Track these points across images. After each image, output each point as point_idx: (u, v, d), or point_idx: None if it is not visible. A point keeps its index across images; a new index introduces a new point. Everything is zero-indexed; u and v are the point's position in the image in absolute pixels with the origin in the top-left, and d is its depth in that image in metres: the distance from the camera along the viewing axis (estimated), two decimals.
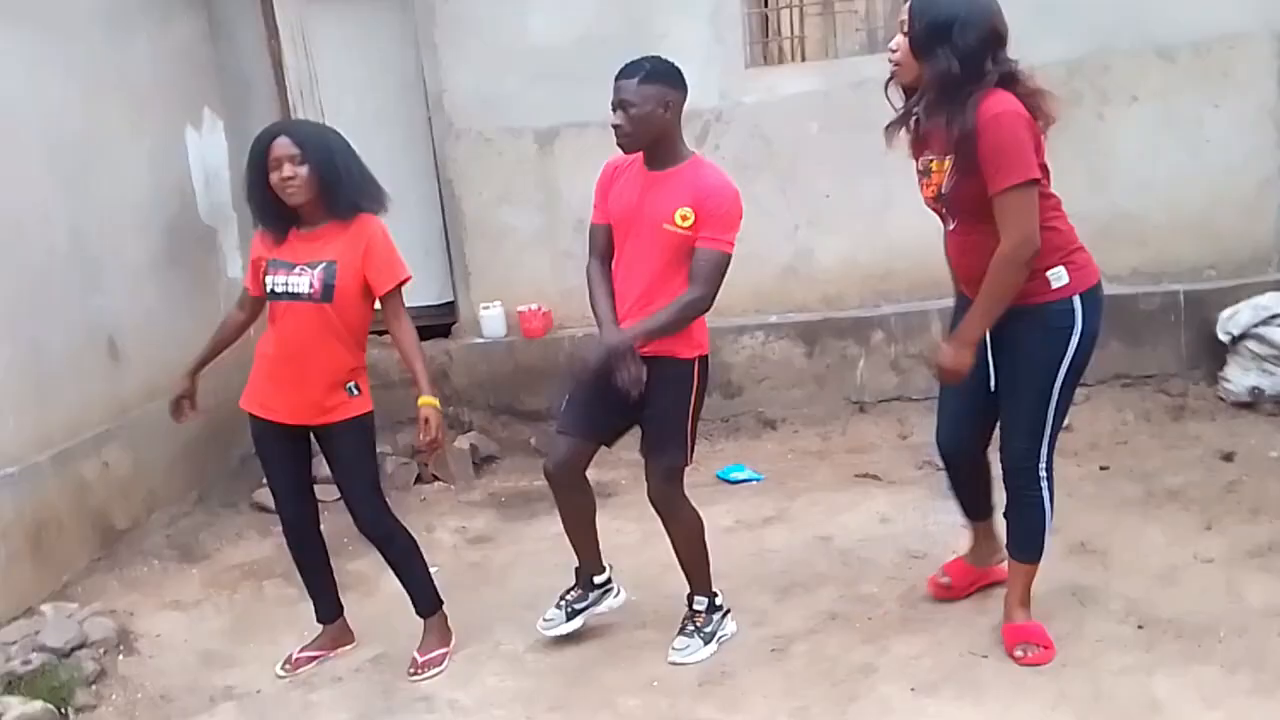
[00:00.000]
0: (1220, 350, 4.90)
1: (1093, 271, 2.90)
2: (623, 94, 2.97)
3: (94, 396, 4.23)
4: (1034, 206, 2.69)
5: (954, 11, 2.70)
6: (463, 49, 5.25)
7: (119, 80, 4.59)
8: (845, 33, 5.33)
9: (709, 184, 3.01)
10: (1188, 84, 4.96)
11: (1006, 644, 3.05)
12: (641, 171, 3.09)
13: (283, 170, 3.01)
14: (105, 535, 4.21)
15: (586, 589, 3.45)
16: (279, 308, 3.15)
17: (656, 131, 2.99)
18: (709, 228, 2.97)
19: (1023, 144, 2.66)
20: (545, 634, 3.37)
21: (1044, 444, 2.94)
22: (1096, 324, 2.88)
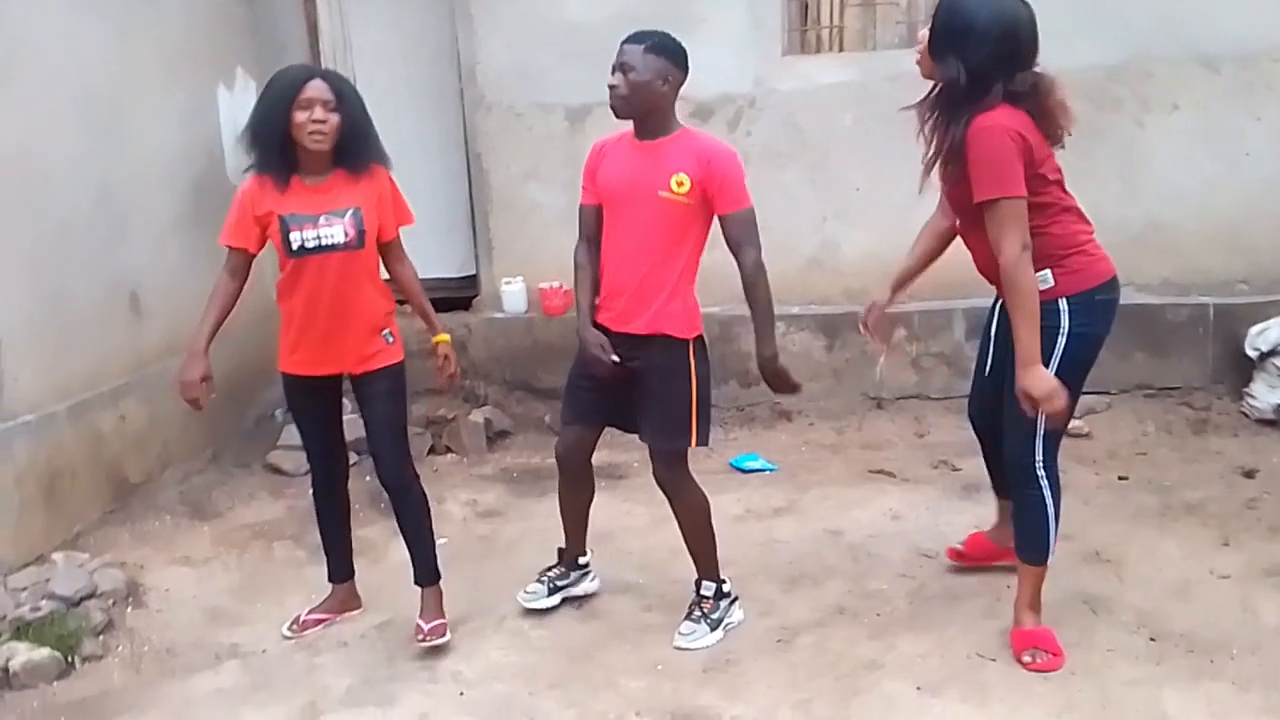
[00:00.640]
0: (1247, 366, 4.84)
1: (1091, 275, 2.90)
2: (626, 57, 2.97)
3: (114, 349, 4.25)
4: (1016, 218, 2.71)
5: (973, 23, 2.72)
6: (498, 21, 5.22)
7: (154, 34, 4.59)
8: (885, 25, 5.28)
9: (709, 150, 3.00)
10: (1230, 96, 4.89)
11: (1015, 649, 3.03)
12: (631, 144, 3.08)
13: (314, 112, 2.94)
14: (118, 488, 4.23)
15: (570, 568, 3.49)
16: (311, 263, 3.05)
17: (651, 103, 2.98)
18: (726, 194, 2.99)
19: (1005, 159, 2.69)
20: (525, 605, 3.40)
21: (1038, 442, 2.94)
22: (1092, 329, 2.91)
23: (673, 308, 3.08)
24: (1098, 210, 4.93)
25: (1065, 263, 2.86)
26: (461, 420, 5.14)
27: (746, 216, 3.03)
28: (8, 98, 3.73)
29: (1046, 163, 2.82)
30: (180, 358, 4.59)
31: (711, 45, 5.11)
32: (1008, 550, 3.36)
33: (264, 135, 3.01)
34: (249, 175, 3.09)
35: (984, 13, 2.72)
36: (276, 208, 3.03)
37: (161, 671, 3.22)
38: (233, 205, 3.11)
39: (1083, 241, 2.91)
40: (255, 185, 3.06)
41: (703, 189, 2.97)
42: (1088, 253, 2.90)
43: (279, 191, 3.03)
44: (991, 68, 2.71)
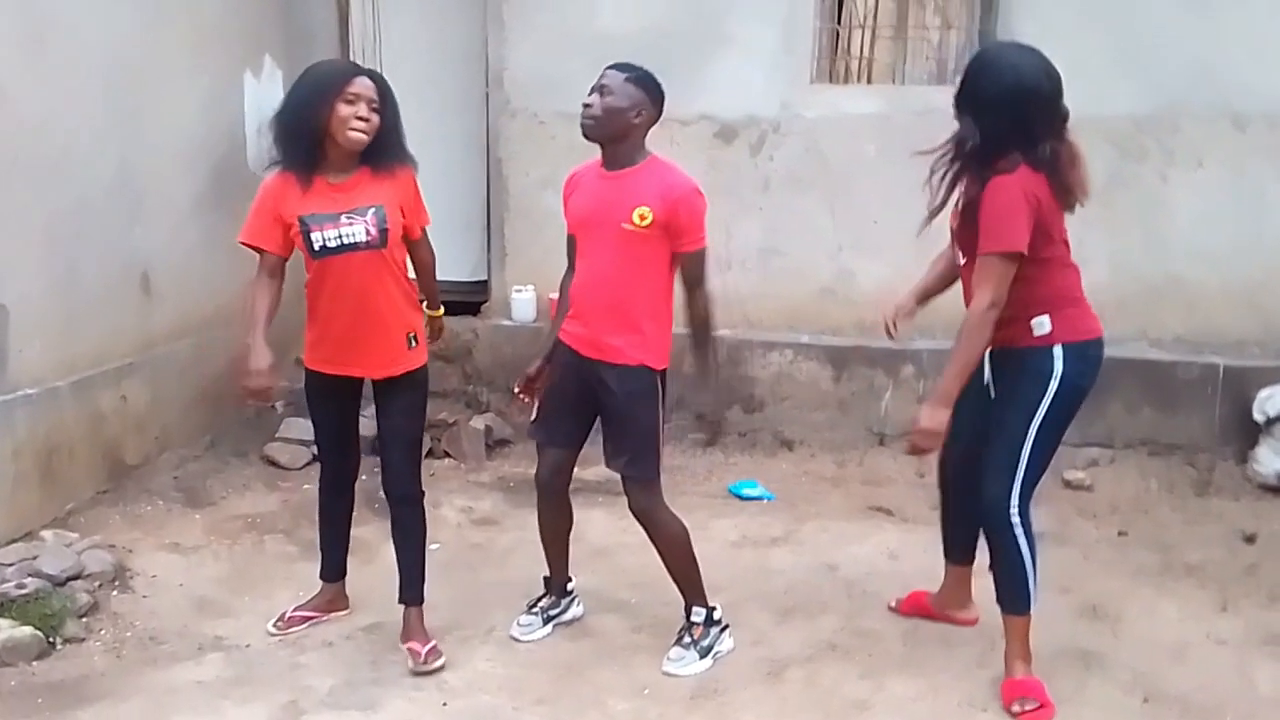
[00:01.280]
0: (1253, 429, 4.80)
1: (1085, 329, 2.94)
2: (606, 80, 3.01)
3: (121, 329, 4.23)
4: (1002, 276, 2.78)
5: (989, 90, 2.79)
6: (530, 28, 5.22)
7: (187, 14, 4.58)
8: (915, 60, 5.27)
9: (675, 187, 3.00)
10: (1256, 154, 4.87)
11: (1004, 699, 3.00)
12: (599, 174, 3.10)
13: (359, 108, 2.90)
14: (114, 469, 4.20)
15: (560, 596, 3.47)
16: (334, 264, 2.99)
17: (621, 131, 3.00)
18: (689, 233, 3.02)
19: (1015, 215, 2.76)
20: (522, 640, 3.35)
21: (1015, 487, 2.95)
22: (1082, 379, 2.94)
23: (644, 338, 3.08)
24: (1117, 260, 5.03)
25: (1063, 312, 2.91)
26: (462, 426, 5.11)
27: (703, 256, 3.07)
28: (36, 70, 3.72)
29: (1055, 226, 2.88)
30: (189, 339, 4.61)
31: (740, 66, 5.14)
32: (944, 615, 3.42)
33: (297, 126, 2.95)
34: (273, 172, 3.02)
35: (1003, 81, 2.78)
36: (298, 208, 2.97)
37: (143, 659, 3.18)
38: (255, 202, 3.03)
39: (1078, 297, 2.97)
40: (279, 183, 3.00)
41: (665, 224, 2.99)
42: (1080, 307, 2.96)
43: (302, 190, 2.97)
44: (1005, 135, 2.77)
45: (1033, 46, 2.89)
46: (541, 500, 3.38)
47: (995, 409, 3.02)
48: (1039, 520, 4.29)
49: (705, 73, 5.11)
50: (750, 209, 5.24)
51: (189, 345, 4.65)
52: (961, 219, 2.94)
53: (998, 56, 2.89)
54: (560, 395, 3.21)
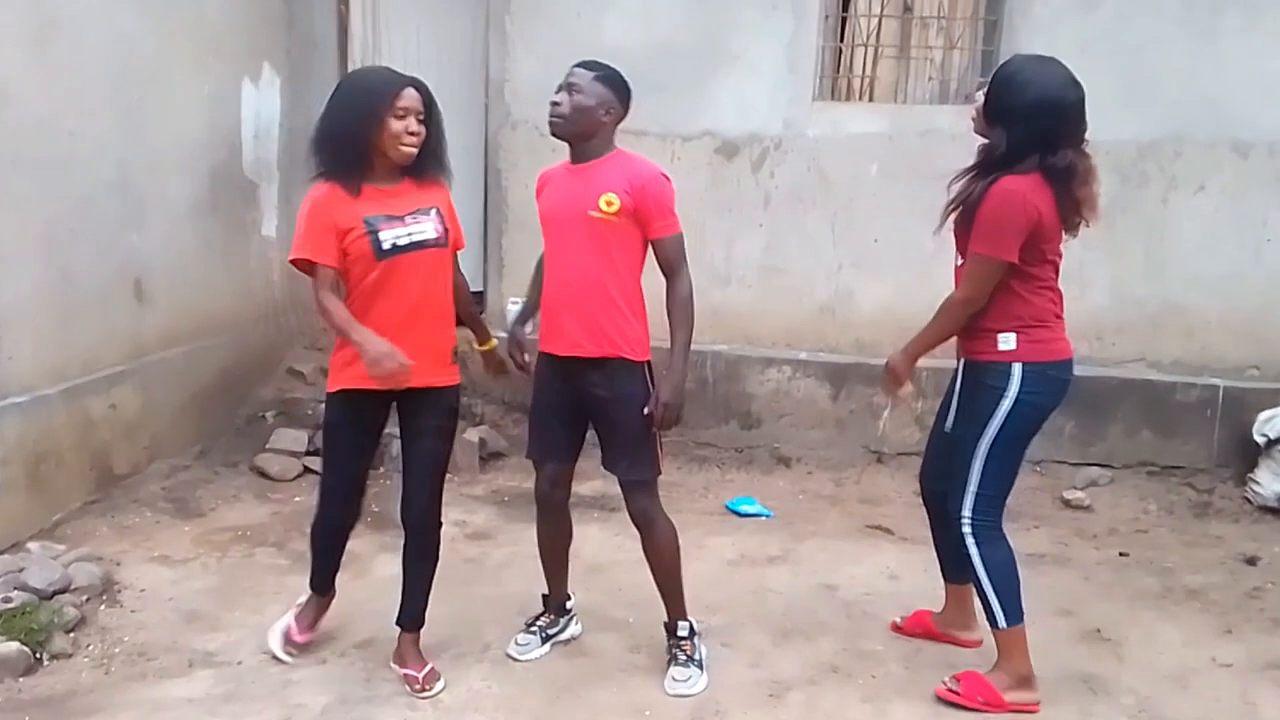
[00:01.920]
0: (1253, 452, 4.80)
1: (1049, 350, 2.96)
2: (575, 79, 3.01)
3: (113, 335, 4.17)
4: (986, 279, 2.88)
5: (1019, 101, 2.83)
6: (533, 40, 5.20)
7: (191, 18, 4.56)
8: (917, 80, 5.26)
9: (640, 174, 2.99)
10: (1257, 181, 4.88)
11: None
12: (566, 168, 3.10)
13: (409, 123, 2.82)
14: (102, 478, 4.13)
15: (559, 614, 3.42)
16: (402, 264, 2.85)
17: (589, 129, 3.00)
18: (658, 218, 3.00)
19: (1010, 224, 2.81)
20: (520, 659, 3.29)
21: (966, 501, 3.00)
22: (1041, 401, 2.97)
23: (620, 329, 3.04)
24: (1118, 284, 5.03)
25: (1030, 332, 2.93)
26: (456, 438, 5.05)
27: (680, 242, 3.04)
28: (40, 68, 3.67)
29: (1051, 244, 2.91)
30: (178, 348, 4.55)
31: (744, 83, 5.13)
32: (947, 635, 3.41)
33: (347, 139, 2.81)
34: (317, 182, 2.85)
35: (1031, 92, 2.81)
36: (358, 212, 2.82)
37: (131, 674, 3.10)
38: (305, 217, 2.82)
39: (1051, 319, 2.98)
40: (327, 193, 2.82)
41: (633, 210, 2.98)
42: (1052, 329, 2.97)
43: (352, 197, 2.83)
44: (1031, 143, 2.81)
45: (1055, 58, 2.91)
46: (541, 515, 3.34)
47: (956, 424, 3.08)
48: (1038, 542, 4.36)
49: (708, 89, 5.10)
50: (751, 226, 5.22)
51: (180, 353, 4.59)
52: (961, 215, 2.95)
53: (1024, 68, 2.89)
54: (548, 408, 3.17)
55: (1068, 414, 4.95)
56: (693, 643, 3.22)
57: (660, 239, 3.02)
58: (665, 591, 3.24)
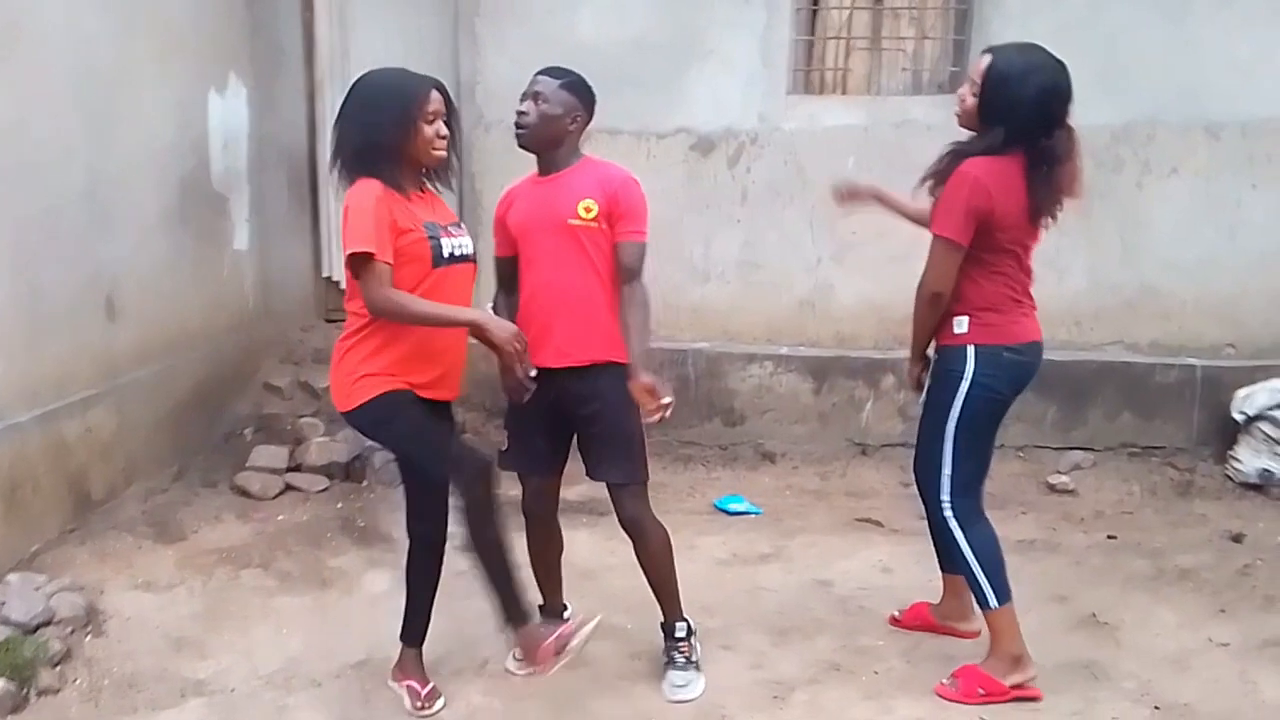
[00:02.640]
0: (1232, 429, 4.85)
1: (1004, 334, 2.98)
2: (540, 87, 2.99)
3: (86, 355, 4.05)
4: (945, 258, 2.91)
5: (1021, 95, 2.83)
6: (504, 40, 5.14)
7: (155, 24, 4.44)
8: (891, 71, 5.25)
9: (615, 179, 2.99)
10: (1230, 164, 4.92)
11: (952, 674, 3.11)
12: (534, 181, 3.08)
13: (439, 127, 2.76)
14: (80, 504, 4.02)
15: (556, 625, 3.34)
16: (451, 274, 2.78)
17: (557, 138, 2.99)
18: (626, 221, 2.98)
19: (960, 208, 2.85)
20: (519, 674, 3.24)
21: (943, 486, 3.05)
22: (997, 385, 3.00)
23: (608, 334, 3.01)
24: (1095, 270, 5.06)
25: (982, 316, 2.98)
26: None
27: (642, 250, 3.01)
28: (4, 75, 3.55)
29: (1008, 233, 2.91)
30: (152, 366, 4.44)
31: (718, 79, 5.10)
32: (945, 627, 3.42)
33: (384, 145, 2.70)
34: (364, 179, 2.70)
35: (1032, 85, 2.83)
36: (416, 215, 2.74)
37: (122, 707, 3.02)
38: (366, 211, 2.63)
39: (1007, 305, 2.99)
40: (385, 191, 2.69)
41: (607, 214, 2.96)
42: (1005, 313, 2.99)
43: (405, 199, 2.74)
44: (1031, 132, 2.84)
45: (1033, 44, 2.93)
46: (530, 528, 3.30)
47: (924, 410, 3.15)
48: (1026, 528, 4.38)
49: (683, 85, 5.06)
50: (728, 221, 5.19)
51: (154, 371, 4.49)
52: (933, 195, 2.98)
53: (1015, 61, 2.88)
54: (529, 420, 3.10)
55: (1048, 399, 4.98)
56: (690, 644, 3.20)
57: (626, 242, 2.98)
58: (660, 594, 3.21)
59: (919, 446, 3.22)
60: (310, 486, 4.71)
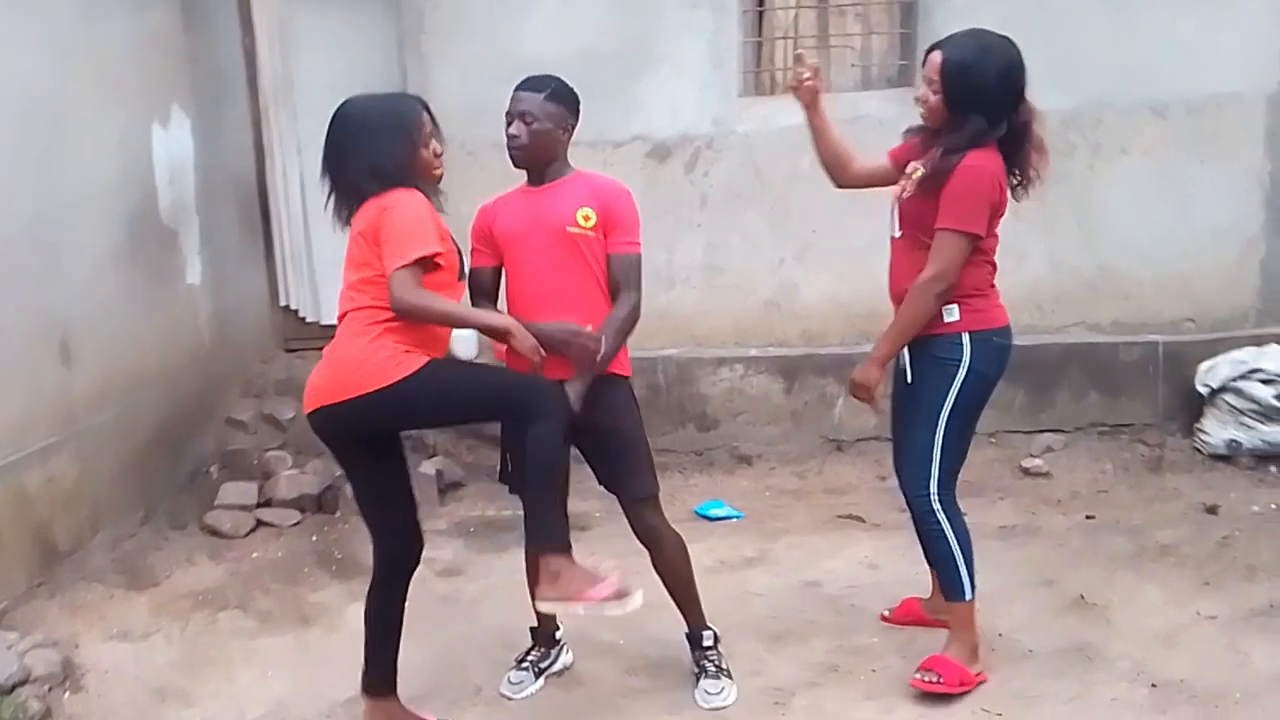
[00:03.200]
0: (1197, 403, 4.92)
1: (991, 318, 3.03)
2: (525, 105, 2.93)
3: (42, 402, 3.92)
4: (962, 253, 2.90)
5: (986, 80, 2.86)
6: (452, 57, 5.08)
7: (94, 57, 4.33)
8: (840, 68, 5.27)
9: (609, 189, 2.99)
10: (1177, 142, 4.99)
11: (919, 666, 3.07)
12: (525, 192, 3.04)
13: (435, 146, 2.80)
14: (46, 556, 3.89)
15: (549, 646, 3.33)
16: (460, 289, 2.86)
17: (551, 152, 2.97)
18: (621, 232, 2.96)
19: (982, 201, 2.88)
20: (515, 698, 3.19)
21: (932, 475, 3.03)
22: (988, 369, 3.03)
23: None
24: (1053, 254, 5.10)
25: (971, 302, 2.98)
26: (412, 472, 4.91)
27: (638, 262, 2.99)
28: None
29: (999, 219, 2.98)
30: (111, 409, 4.32)
31: (670, 85, 5.09)
32: (938, 620, 3.39)
33: (396, 168, 2.70)
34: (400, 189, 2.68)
35: (993, 69, 2.86)
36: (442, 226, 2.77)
37: None
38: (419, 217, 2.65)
39: (988, 288, 3.04)
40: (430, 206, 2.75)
41: (603, 224, 2.94)
42: (989, 298, 3.03)
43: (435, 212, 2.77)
44: (1003, 108, 2.88)
45: (978, 28, 2.97)
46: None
47: (910, 400, 3.10)
48: (1005, 514, 4.40)
49: (636, 93, 5.04)
50: (689, 227, 5.18)
51: (113, 415, 4.36)
52: (920, 188, 2.95)
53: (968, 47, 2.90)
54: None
55: (1016, 384, 5.01)
56: (719, 651, 3.17)
57: (621, 254, 2.96)
58: (683, 603, 3.17)
59: (903, 441, 3.21)
60: (282, 521, 4.61)
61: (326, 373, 2.73)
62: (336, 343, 2.75)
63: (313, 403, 2.74)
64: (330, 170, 2.77)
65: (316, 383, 2.75)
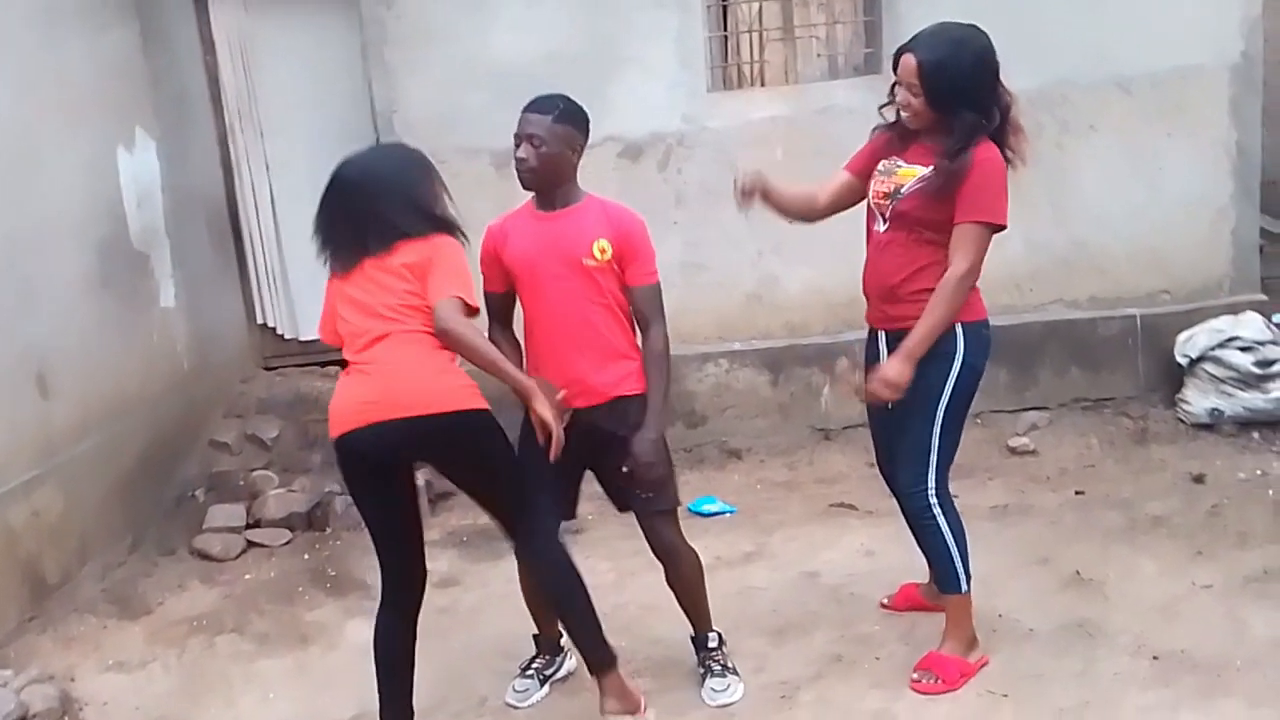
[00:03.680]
0: (1177, 373, 4.97)
1: (980, 310, 3.02)
2: (534, 129, 2.87)
3: (23, 436, 3.87)
4: (987, 245, 2.89)
5: (963, 70, 2.86)
6: (416, 66, 5.04)
7: (56, 83, 4.26)
8: (806, 58, 5.29)
9: (625, 220, 2.96)
10: (1143, 116, 5.04)
11: (916, 666, 3.08)
12: (534, 215, 2.98)
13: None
14: (36, 590, 3.84)
15: (553, 653, 3.32)
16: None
17: (562, 174, 2.92)
18: (640, 264, 2.94)
19: (1002, 191, 2.88)
20: (521, 706, 3.19)
21: (930, 471, 3.00)
22: (979, 360, 3.01)
23: (630, 366, 2.99)
24: (1028, 233, 5.11)
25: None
26: None
27: (658, 292, 2.99)
28: None
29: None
30: (92, 438, 4.27)
31: (639, 84, 5.08)
32: (937, 604, 3.37)
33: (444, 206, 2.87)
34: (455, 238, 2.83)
35: (964, 58, 2.86)
36: None
37: None
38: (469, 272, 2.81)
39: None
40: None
41: (618, 257, 2.92)
42: (975, 290, 3.00)
43: None
44: (989, 98, 2.89)
45: (940, 23, 2.96)
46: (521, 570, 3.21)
47: (903, 398, 3.01)
48: (995, 494, 4.43)
49: (605, 94, 5.01)
50: (666, 225, 5.15)
51: (95, 444, 4.30)
52: (928, 188, 2.90)
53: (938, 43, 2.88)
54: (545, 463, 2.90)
55: (999, 364, 5.01)
56: (723, 651, 3.18)
57: (640, 286, 2.95)
58: (692, 613, 3.19)
59: (895, 437, 3.12)
60: (273, 541, 4.56)
61: (386, 387, 2.67)
62: (392, 361, 2.69)
63: (359, 419, 2.67)
64: (358, 208, 2.76)
65: (369, 398, 2.67)
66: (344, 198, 2.79)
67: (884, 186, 3.03)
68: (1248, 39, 4.99)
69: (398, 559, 2.89)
